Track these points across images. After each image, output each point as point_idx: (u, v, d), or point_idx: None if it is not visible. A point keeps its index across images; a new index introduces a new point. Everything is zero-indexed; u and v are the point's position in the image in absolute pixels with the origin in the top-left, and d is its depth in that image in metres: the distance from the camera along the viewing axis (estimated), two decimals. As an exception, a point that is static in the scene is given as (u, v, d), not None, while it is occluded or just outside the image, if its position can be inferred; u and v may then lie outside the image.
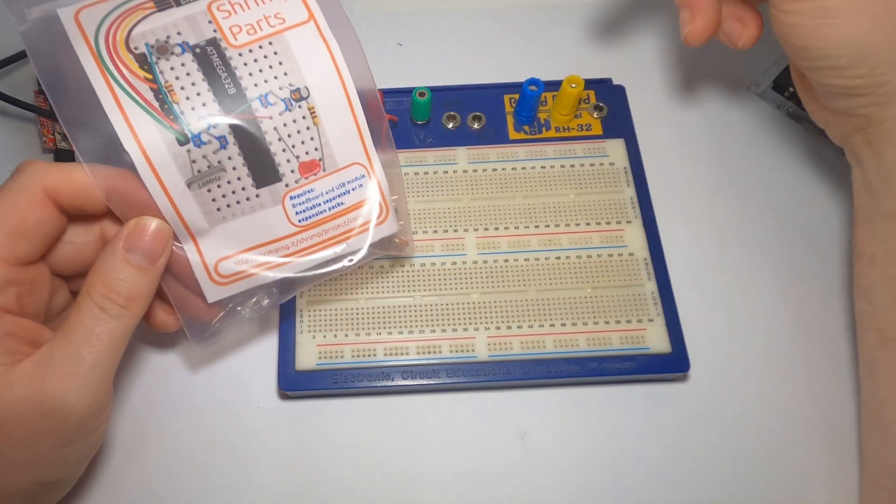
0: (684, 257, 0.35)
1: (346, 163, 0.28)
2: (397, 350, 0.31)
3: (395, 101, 0.37)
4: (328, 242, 0.29)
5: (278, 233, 0.28)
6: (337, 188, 0.28)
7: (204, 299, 0.27)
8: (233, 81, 0.26)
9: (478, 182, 0.35)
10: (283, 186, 0.27)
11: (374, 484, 0.30)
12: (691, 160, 0.38)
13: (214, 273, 0.27)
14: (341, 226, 0.29)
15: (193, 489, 0.30)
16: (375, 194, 0.29)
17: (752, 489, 0.30)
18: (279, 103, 0.26)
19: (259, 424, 0.31)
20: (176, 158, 0.25)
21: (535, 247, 0.33)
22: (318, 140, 0.27)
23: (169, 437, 0.31)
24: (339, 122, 0.27)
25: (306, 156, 0.27)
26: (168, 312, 0.28)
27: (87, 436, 0.25)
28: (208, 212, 0.26)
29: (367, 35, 0.41)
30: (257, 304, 0.29)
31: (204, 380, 0.32)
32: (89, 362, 0.24)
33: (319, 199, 0.28)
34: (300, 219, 0.28)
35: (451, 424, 0.32)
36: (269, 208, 0.27)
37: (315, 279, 0.29)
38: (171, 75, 0.25)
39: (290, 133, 0.26)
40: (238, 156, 0.26)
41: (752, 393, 0.32)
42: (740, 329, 0.34)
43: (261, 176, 0.26)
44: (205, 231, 0.26)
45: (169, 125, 0.25)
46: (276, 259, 0.28)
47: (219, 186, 0.26)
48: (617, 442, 0.31)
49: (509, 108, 0.37)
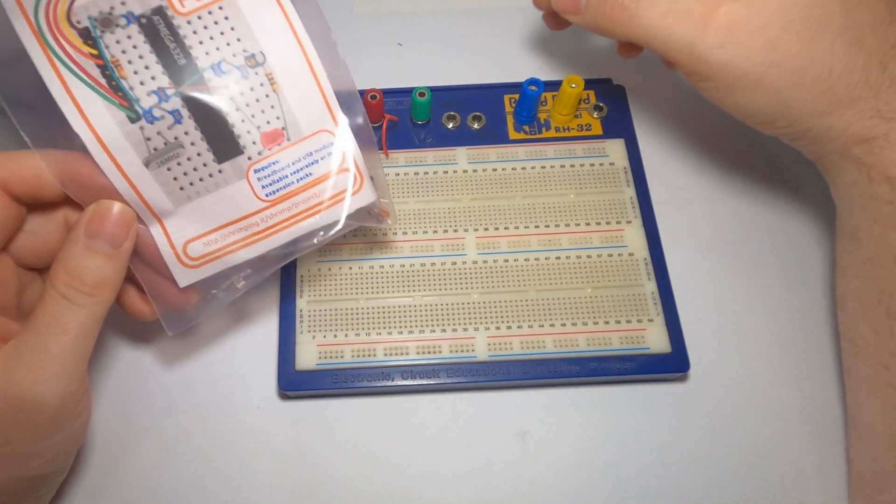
0: (684, 257, 0.35)
1: (312, 130, 0.26)
2: (397, 350, 0.31)
3: (395, 101, 0.37)
4: (301, 216, 0.27)
5: (246, 209, 0.26)
6: (304, 158, 0.26)
7: (176, 284, 0.26)
8: (182, 51, 0.24)
9: (478, 182, 0.35)
10: (246, 159, 0.26)
11: (374, 484, 0.30)
12: (691, 160, 0.38)
13: (184, 256, 0.26)
14: (312, 198, 0.27)
15: (193, 489, 0.30)
16: (348, 162, 0.27)
17: (752, 489, 0.30)
18: (234, 71, 0.25)
19: (259, 424, 0.31)
20: (129, 137, 0.24)
21: (535, 247, 0.33)
22: (280, 108, 0.26)
23: (169, 437, 0.31)
24: (300, 88, 0.26)
25: (268, 125, 0.26)
26: (145, 301, 0.27)
27: (64, 428, 0.24)
28: (171, 191, 0.25)
29: (367, 35, 0.42)
30: (232, 287, 0.28)
31: (204, 380, 0.32)
32: (56, 353, 0.23)
33: (286, 171, 0.26)
34: (267, 193, 0.26)
35: (451, 424, 0.32)
36: (234, 183, 0.26)
37: (291, 255, 0.28)
38: (117, 49, 0.24)
39: (249, 102, 0.25)
40: (195, 130, 0.25)
41: (751, 393, 0.32)
42: (740, 329, 0.34)
43: (221, 150, 0.25)
44: (170, 212, 0.25)
45: (118, 103, 0.23)
46: (246, 237, 0.27)
47: (179, 164, 0.25)
48: (617, 442, 0.31)
49: (509, 108, 0.37)
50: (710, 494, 0.30)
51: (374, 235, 0.33)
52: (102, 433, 0.31)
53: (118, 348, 0.33)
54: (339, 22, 0.42)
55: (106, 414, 0.32)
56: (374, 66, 0.41)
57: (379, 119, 0.36)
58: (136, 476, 0.31)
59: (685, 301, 0.33)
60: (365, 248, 0.33)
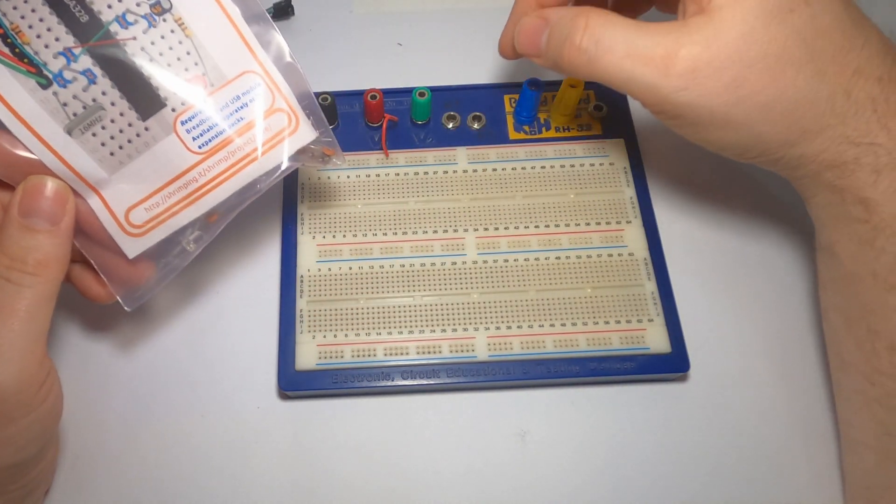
0: (684, 257, 0.35)
1: (234, 73, 0.25)
2: (397, 350, 0.31)
3: (395, 101, 0.37)
4: (240, 164, 0.26)
5: (181, 165, 0.25)
6: (232, 103, 0.25)
7: (124, 256, 0.26)
8: (83, 7, 0.23)
9: (478, 182, 0.35)
10: (170, 112, 0.25)
11: (374, 484, 0.30)
12: (691, 160, 0.38)
13: (127, 225, 0.25)
14: (248, 143, 0.26)
15: (194, 489, 0.30)
16: (279, 102, 0.26)
17: (752, 489, 0.30)
18: (140, 21, 0.24)
19: (259, 424, 0.31)
20: (44, 105, 0.23)
21: (534, 247, 0.33)
22: (196, 53, 0.25)
23: (169, 437, 0.31)
24: (214, 30, 0.25)
25: (187, 73, 0.25)
26: (101, 283, 0.27)
27: (29, 413, 0.24)
28: (101, 158, 0.24)
29: (367, 35, 0.42)
30: (183, 251, 0.27)
31: (204, 380, 0.32)
32: (7, 337, 0.22)
33: (215, 119, 0.25)
34: (200, 144, 0.25)
35: (451, 424, 0.32)
36: (163, 140, 0.25)
37: (238, 207, 0.27)
38: (15, 15, 0.23)
39: (162, 51, 0.24)
40: (112, 88, 0.24)
41: (751, 393, 0.32)
42: (740, 329, 0.34)
43: (143, 106, 0.24)
44: (104, 180, 0.25)
45: (26, 70, 0.23)
46: (188, 195, 0.26)
47: (103, 127, 0.24)
48: (617, 442, 0.31)
49: (509, 108, 0.37)
50: (710, 494, 0.30)
51: (331, 186, 0.33)
52: (102, 433, 0.31)
53: (118, 348, 0.33)
54: (339, 22, 0.42)
55: (105, 413, 0.32)
56: (374, 66, 0.41)
57: (379, 119, 0.36)
58: (136, 476, 0.31)
59: (685, 301, 0.33)
60: (365, 248, 0.33)
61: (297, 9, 0.41)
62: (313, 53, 0.41)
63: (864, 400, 0.28)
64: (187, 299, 0.34)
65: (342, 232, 0.34)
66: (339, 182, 0.35)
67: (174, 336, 0.33)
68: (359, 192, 0.35)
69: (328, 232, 0.34)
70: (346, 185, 0.35)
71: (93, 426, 0.31)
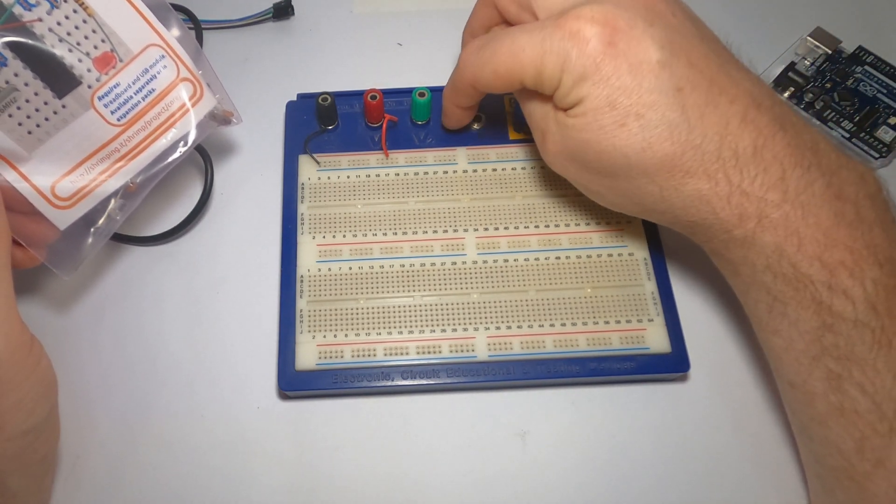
0: (684, 257, 0.35)
1: (139, 47, 0.27)
2: (397, 350, 0.31)
3: (395, 101, 0.37)
4: (157, 132, 0.28)
5: (102, 138, 0.27)
6: (142, 75, 0.28)
7: (55, 228, 0.27)
8: None
9: (478, 182, 0.35)
10: (87, 88, 0.26)
11: (374, 484, 0.30)
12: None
13: (54, 198, 0.27)
14: (162, 112, 0.28)
15: (193, 489, 0.30)
16: (183, 72, 0.29)
17: (752, 489, 0.30)
18: (42, 2, 0.25)
19: (259, 424, 0.31)
20: None
21: (534, 247, 0.33)
22: (101, 31, 0.26)
23: (169, 437, 0.31)
24: (113, 8, 0.26)
25: (96, 50, 0.26)
26: (23, 251, 0.27)
27: (28, 375, 0.24)
28: (20, 137, 0.25)
29: (366, 35, 0.42)
30: (110, 219, 0.28)
31: (204, 380, 0.32)
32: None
33: (129, 92, 0.27)
34: (118, 117, 0.27)
35: (451, 424, 0.32)
36: (82, 115, 0.26)
37: (159, 175, 0.29)
38: None
39: (69, 31, 0.26)
40: (25, 70, 0.25)
41: (751, 393, 0.32)
42: (740, 329, 0.34)
43: (58, 84, 0.26)
44: (24, 158, 0.26)
45: None
46: (111, 166, 0.27)
47: (19, 108, 0.25)
48: (617, 442, 0.31)
49: (509, 108, 0.37)
50: (710, 494, 0.30)
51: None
52: (103, 433, 0.31)
53: (116, 348, 0.33)
54: (339, 22, 0.42)
55: (106, 414, 0.32)
56: (374, 66, 0.41)
57: (379, 119, 0.36)
58: (136, 476, 0.31)
59: (685, 301, 0.33)
60: (365, 248, 0.33)
61: (297, 9, 0.41)
62: (313, 53, 0.41)
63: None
64: (187, 299, 0.34)
65: (342, 232, 0.34)
66: (339, 182, 0.35)
67: (174, 336, 0.33)
68: (359, 193, 0.35)
69: (328, 232, 0.34)
70: (346, 185, 0.35)
71: (93, 426, 0.31)
